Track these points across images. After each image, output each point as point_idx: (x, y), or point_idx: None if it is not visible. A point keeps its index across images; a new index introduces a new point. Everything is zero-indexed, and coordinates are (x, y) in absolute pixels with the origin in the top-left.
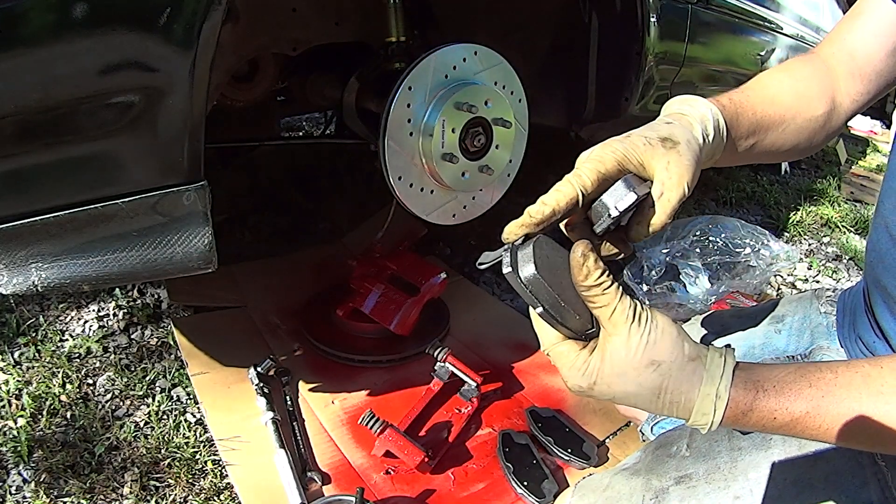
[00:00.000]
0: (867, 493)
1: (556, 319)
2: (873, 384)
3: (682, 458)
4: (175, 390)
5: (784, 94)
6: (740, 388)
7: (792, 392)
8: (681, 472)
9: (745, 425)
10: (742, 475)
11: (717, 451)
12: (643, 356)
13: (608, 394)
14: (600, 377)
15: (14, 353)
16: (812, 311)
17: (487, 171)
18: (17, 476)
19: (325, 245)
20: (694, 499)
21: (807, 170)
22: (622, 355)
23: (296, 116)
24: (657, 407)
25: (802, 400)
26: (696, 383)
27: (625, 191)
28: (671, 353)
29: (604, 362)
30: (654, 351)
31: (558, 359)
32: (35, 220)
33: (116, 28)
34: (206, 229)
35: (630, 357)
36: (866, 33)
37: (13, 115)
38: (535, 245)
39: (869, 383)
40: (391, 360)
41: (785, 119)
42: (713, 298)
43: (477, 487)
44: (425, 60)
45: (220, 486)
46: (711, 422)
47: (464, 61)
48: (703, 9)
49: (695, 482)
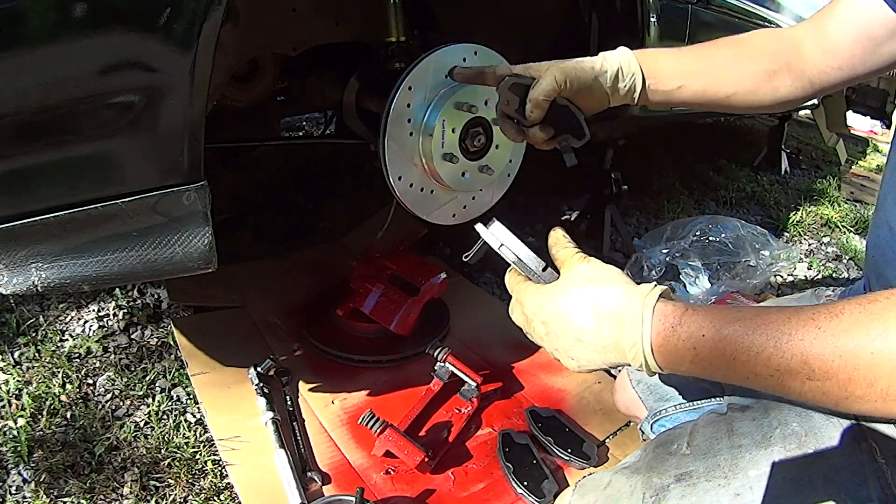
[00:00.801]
0: (867, 491)
1: (524, 262)
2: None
3: (683, 456)
4: (175, 390)
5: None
6: (668, 304)
7: (719, 313)
8: (681, 469)
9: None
10: (742, 473)
11: (718, 449)
12: (587, 277)
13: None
14: (549, 295)
15: (14, 353)
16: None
17: (487, 171)
18: (17, 476)
19: (325, 245)
20: (694, 496)
21: (807, 170)
22: (570, 276)
23: (296, 116)
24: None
25: (728, 319)
26: (629, 295)
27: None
28: (609, 276)
29: (553, 285)
30: (595, 275)
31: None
32: (35, 220)
33: (116, 28)
34: (206, 229)
35: (576, 276)
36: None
37: (13, 115)
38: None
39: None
40: (391, 360)
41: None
42: (713, 298)
43: (477, 487)
44: (425, 60)
45: (220, 486)
46: (641, 336)
47: (464, 61)
48: (703, 9)
49: (695, 480)
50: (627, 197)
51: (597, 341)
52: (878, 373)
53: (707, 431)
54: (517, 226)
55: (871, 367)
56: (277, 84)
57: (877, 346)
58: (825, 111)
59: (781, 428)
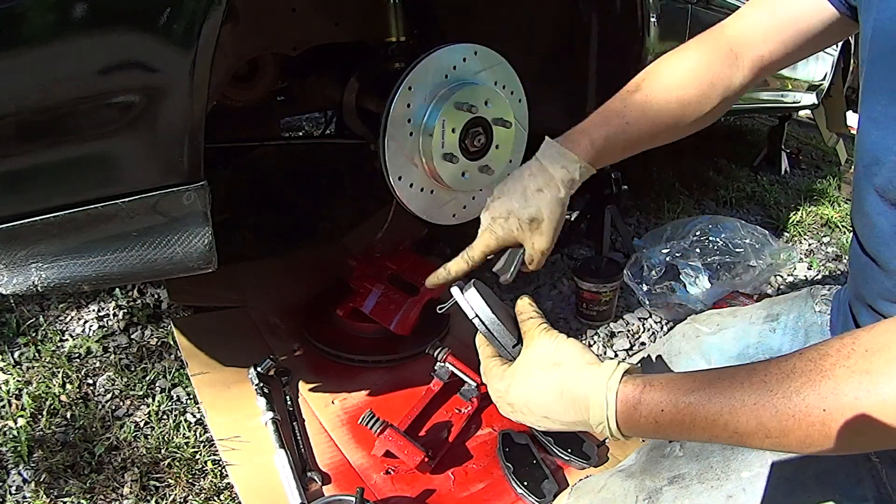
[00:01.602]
0: (862, 490)
1: (493, 335)
2: (756, 375)
3: (676, 459)
4: (175, 390)
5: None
6: (629, 384)
7: (675, 385)
8: (674, 472)
9: (640, 421)
10: (735, 474)
11: (710, 451)
12: (550, 358)
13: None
14: (514, 379)
15: (14, 353)
16: (807, 311)
17: (487, 171)
18: (17, 476)
19: (325, 245)
20: (687, 498)
21: (807, 170)
22: (534, 357)
23: (296, 116)
24: (561, 406)
25: (685, 391)
26: (591, 382)
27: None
28: (572, 357)
29: (518, 366)
30: (558, 355)
31: (488, 371)
32: (35, 220)
33: (116, 28)
34: (206, 229)
35: (539, 358)
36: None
37: (13, 115)
38: (475, 285)
39: (752, 374)
40: (391, 360)
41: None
42: (713, 298)
43: (477, 487)
44: (425, 60)
45: (220, 486)
46: (606, 417)
47: (464, 61)
48: (703, 9)
49: (688, 482)
50: (627, 197)
51: (564, 419)
52: (833, 427)
53: None
54: None
55: (825, 423)
56: (277, 84)
57: (829, 404)
58: (825, 111)
59: None
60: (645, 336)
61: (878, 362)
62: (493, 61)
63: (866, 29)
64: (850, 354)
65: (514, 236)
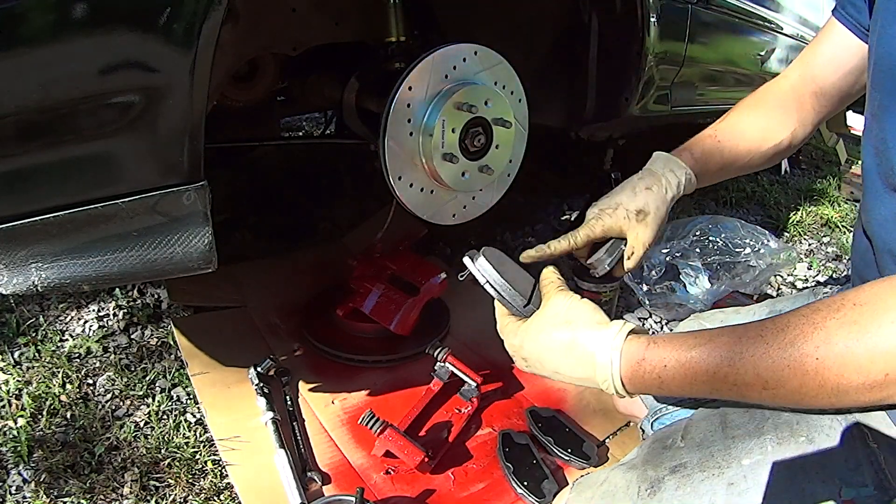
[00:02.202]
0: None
1: (503, 296)
2: (752, 330)
3: (677, 449)
4: (175, 390)
5: (751, 131)
6: (633, 342)
7: (678, 342)
8: (675, 461)
9: (644, 378)
10: (736, 462)
11: (712, 441)
12: (562, 316)
13: (534, 351)
14: (528, 335)
15: (14, 353)
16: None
17: (487, 171)
18: (17, 476)
19: (325, 245)
20: (689, 486)
21: (807, 170)
22: (548, 315)
23: (296, 116)
24: (570, 362)
25: (686, 346)
26: (599, 340)
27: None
28: (583, 316)
29: (532, 323)
30: (570, 314)
31: (503, 328)
32: (35, 220)
33: (116, 28)
34: (206, 229)
35: (552, 315)
36: (826, 56)
37: (13, 115)
38: (485, 253)
39: (749, 330)
40: (391, 360)
41: (751, 152)
42: (713, 298)
43: (477, 487)
44: (425, 60)
45: (220, 486)
46: (611, 374)
47: (464, 61)
48: (703, 9)
49: (689, 470)
50: None
51: (573, 375)
52: (825, 375)
53: (701, 425)
54: (518, 225)
55: (818, 372)
56: (277, 84)
57: (821, 353)
58: None
59: (773, 418)
60: None
61: (866, 314)
62: (493, 61)
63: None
64: (840, 308)
65: (620, 226)
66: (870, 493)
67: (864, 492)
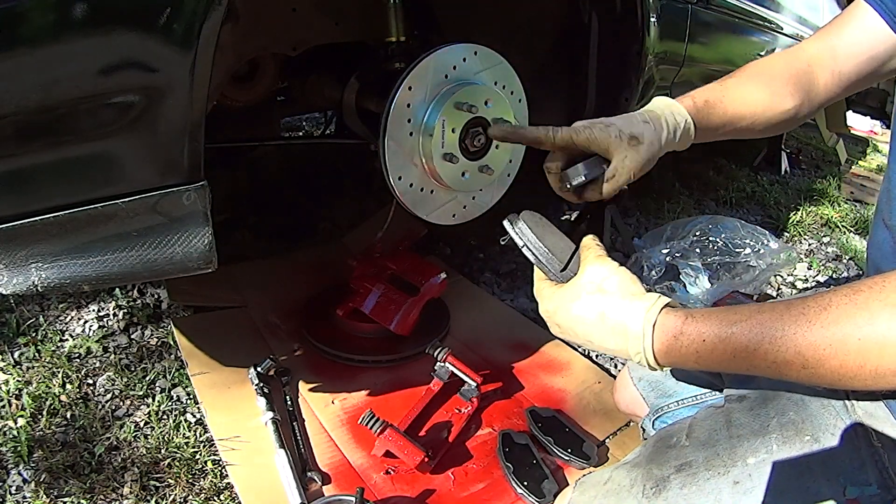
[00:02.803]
0: (865, 475)
1: (540, 260)
2: (795, 308)
3: (682, 448)
4: (175, 390)
5: (759, 92)
6: (670, 315)
7: (717, 317)
8: (681, 460)
9: (681, 352)
10: (741, 461)
11: (717, 440)
12: (597, 284)
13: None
14: (562, 301)
15: (14, 353)
16: None
17: (487, 171)
18: (17, 476)
19: (325, 245)
20: (694, 485)
21: (807, 170)
22: (583, 281)
23: (296, 116)
24: (602, 331)
25: (726, 323)
26: (632, 311)
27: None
28: (618, 285)
29: (567, 289)
30: (606, 282)
31: (539, 292)
32: (35, 220)
33: (116, 28)
34: (206, 229)
35: (587, 283)
36: (851, 37)
37: (13, 115)
38: (524, 217)
39: (791, 308)
40: (391, 360)
41: (755, 114)
42: (713, 298)
43: (477, 487)
44: (425, 60)
45: (220, 486)
46: (643, 347)
47: (464, 61)
48: (703, 9)
49: (695, 469)
50: (627, 197)
51: (605, 346)
52: (867, 356)
53: (706, 424)
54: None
55: (860, 352)
56: (277, 84)
57: (864, 333)
58: (825, 111)
59: (778, 417)
60: None
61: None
62: (493, 61)
63: None
64: (883, 289)
65: (609, 143)
66: (874, 492)
67: (867, 491)
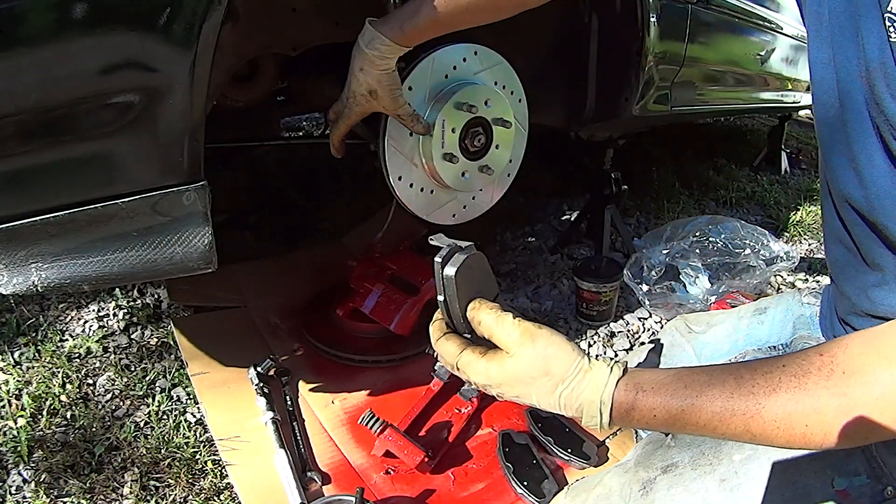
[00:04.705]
0: (853, 465)
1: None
2: (744, 386)
3: (668, 448)
4: (175, 390)
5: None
6: (622, 391)
7: (668, 392)
8: (667, 461)
9: (633, 423)
10: (727, 458)
11: (702, 439)
12: (539, 368)
13: (510, 395)
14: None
15: (14, 353)
16: (794, 303)
17: (487, 171)
18: (17, 476)
19: (325, 245)
20: (681, 485)
21: (807, 170)
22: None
23: (296, 116)
24: (556, 407)
25: (678, 398)
26: (585, 390)
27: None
28: (561, 365)
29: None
30: (546, 363)
31: (466, 368)
32: (35, 220)
33: (116, 28)
34: (206, 229)
35: (527, 370)
36: None
37: (13, 115)
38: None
39: (741, 385)
40: (391, 360)
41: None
42: (713, 298)
43: (477, 487)
44: (425, 60)
45: (220, 486)
46: (600, 422)
47: (464, 61)
48: (703, 9)
49: (681, 469)
50: (627, 197)
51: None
52: (812, 436)
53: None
54: (518, 225)
55: (805, 436)
56: (277, 84)
57: (811, 421)
58: None
59: None
60: (645, 336)
61: (854, 386)
62: (493, 61)
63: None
64: (830, 375)
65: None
66: (863, 481)
67: (856, 481)
